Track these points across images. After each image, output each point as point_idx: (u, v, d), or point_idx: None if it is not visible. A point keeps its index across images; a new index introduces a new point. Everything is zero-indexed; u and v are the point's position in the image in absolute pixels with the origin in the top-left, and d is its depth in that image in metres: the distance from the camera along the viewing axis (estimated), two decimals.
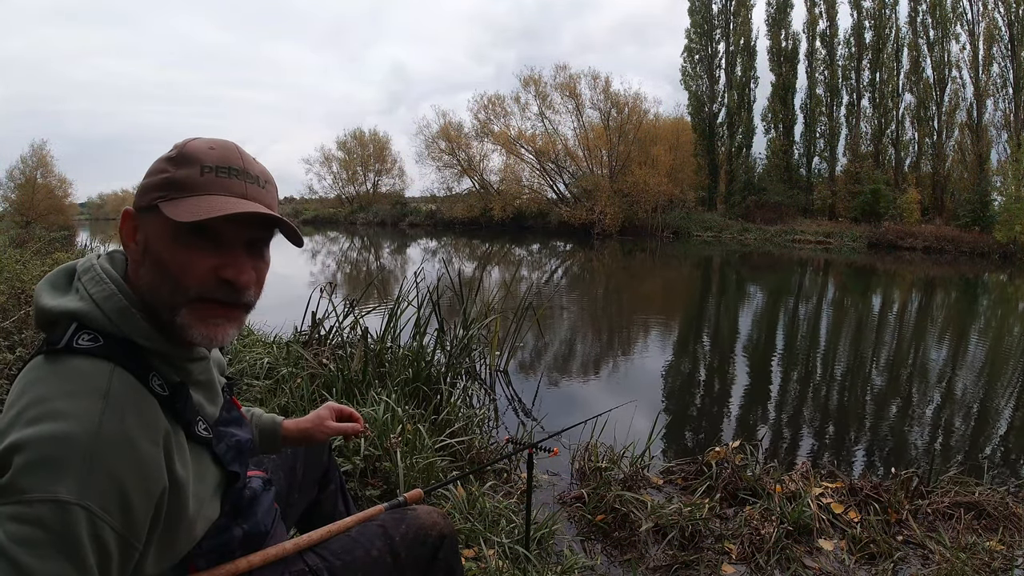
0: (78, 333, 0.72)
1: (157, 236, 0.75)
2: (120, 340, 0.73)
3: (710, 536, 2.28)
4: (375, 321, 4.27)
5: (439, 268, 12.07)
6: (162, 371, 0.76)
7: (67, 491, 0.62)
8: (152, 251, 0.75)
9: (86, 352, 0.70)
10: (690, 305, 10.79)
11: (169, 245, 0.74)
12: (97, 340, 0.72)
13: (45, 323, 0.75)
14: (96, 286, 0.75)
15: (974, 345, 7.66)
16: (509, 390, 4.54)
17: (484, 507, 2.21)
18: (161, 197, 0.75)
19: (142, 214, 0.77)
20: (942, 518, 2.44)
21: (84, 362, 0.70)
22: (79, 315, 0.73)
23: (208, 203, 0.73)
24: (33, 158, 28.22)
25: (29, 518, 0.61)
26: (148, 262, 0.76)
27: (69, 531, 0.62)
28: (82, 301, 0.74)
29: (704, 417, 4.49)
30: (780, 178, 31.06)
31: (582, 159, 32.56)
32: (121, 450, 0.66)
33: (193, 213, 0.72)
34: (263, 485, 1.03)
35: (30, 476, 0.62)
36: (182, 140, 0.79)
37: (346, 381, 3.16)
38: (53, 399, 0.66)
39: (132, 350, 0.73)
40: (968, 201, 25.40)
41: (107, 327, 0.73)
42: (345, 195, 43.36)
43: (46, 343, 0.73)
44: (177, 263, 0.74)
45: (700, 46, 32.01)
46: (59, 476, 0.63)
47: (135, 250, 0.77)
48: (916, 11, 28.53)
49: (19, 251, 5.89)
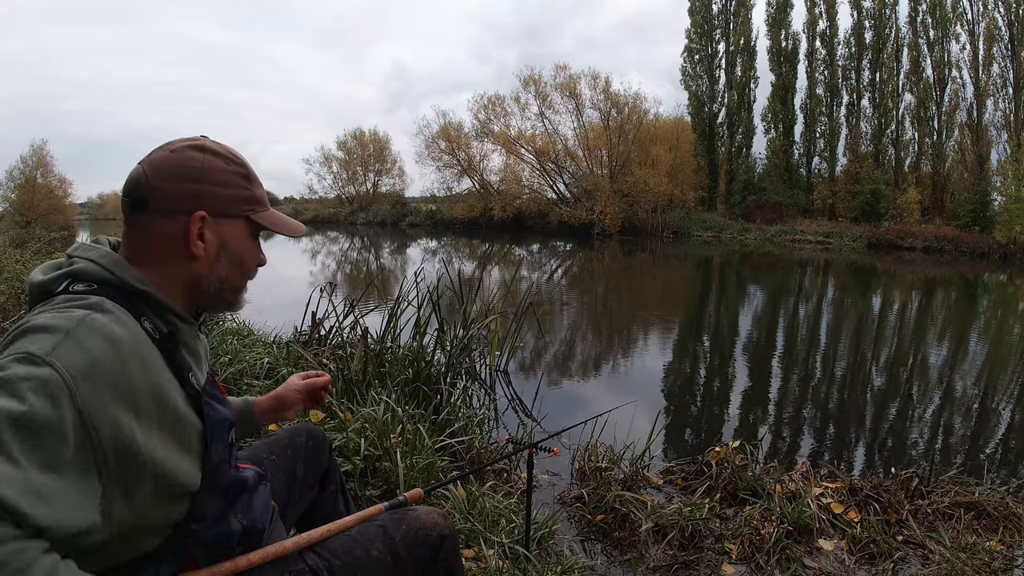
0: (73, 284, 0.79)
1: (239, 237, 0.92)
2: (114, 286, 0.80)
3: (710, 536, 2.28)
4: (375, 321, 4.27)
5: (439, 268, 12.06)
6: (152, 320, 0.82)
7: (39, 348, 0.67)
8: (232, 249, 0.91)
9: (83, 293, 0.78)
10: (690, 305, 10.79)
11: (247, 244, 0.93)
12: (91, 286, 0.79)
13: (40, 294, 0.80)
14: (89, 251, 0.83)
15: (974, 345, 7.66)
16: (509, 390, 4.54)
17: (484, 507, 2.21)
18: (251, 210, 0.92)
19: (220, 219, 0.88)
20: (942, 518, 2.44)
21: (68, 299, 0.76)
22: (74, 272, 0.80)
23: (282, 218, 0.98)
24: (33, 158, 28.26)
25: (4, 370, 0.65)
26: (223, 258, 0.90)
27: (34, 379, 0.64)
28: (76, 264, 0.81)
29: (704, 417, 4.49)
30: (780, 178, 31.06)
31: (582, 159, 32.56)
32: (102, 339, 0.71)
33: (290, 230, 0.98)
34: (257, 479, 1.03)
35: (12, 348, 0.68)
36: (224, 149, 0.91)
37: (346, 381, 3.16)
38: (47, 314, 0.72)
39: (125, 294, 0.80)
40: (968, 201, 25.40)
41: (103, 275, 0.80)
42: (345, 195, 43.35)
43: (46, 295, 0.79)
44: (251, 256, 0.95)
45: (700, 46, 32.00)
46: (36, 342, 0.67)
47: (199, 248, 0.86)
48: (916, 11, 28.52)
49: (19, 251, 5.89)
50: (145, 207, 0.84)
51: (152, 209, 0.84)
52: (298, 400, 1.30)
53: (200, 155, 0.87)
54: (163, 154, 0.87)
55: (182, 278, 0.87)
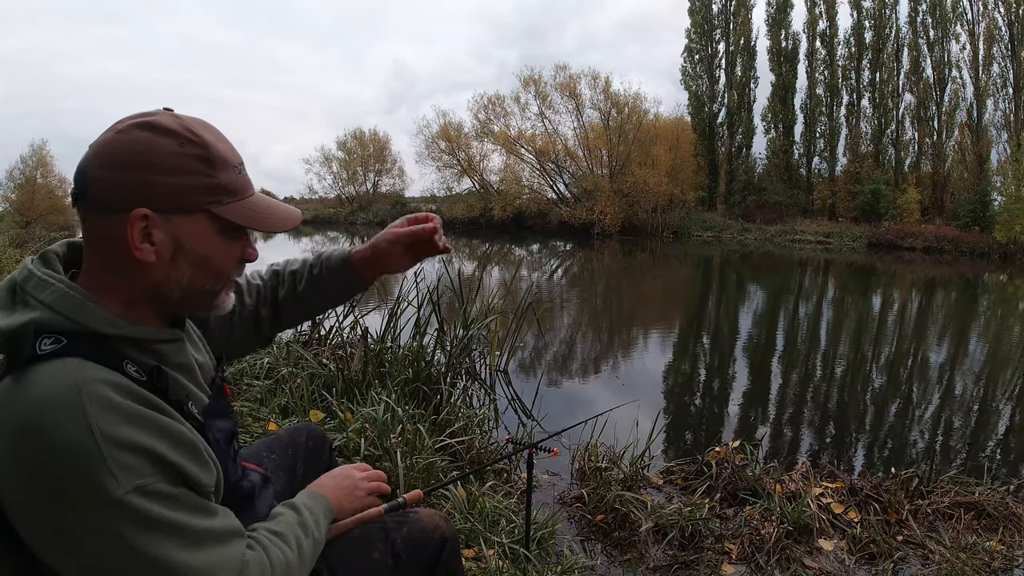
0: (39, 340, 0.69)
1: (200, 236, 0.76)
2: (83, 335, 0.71)
3: (710, 536, 2.28)
4: (375, 321, 4.27)
5: (439, 268, 12.07)
6: (134, 357, 0.74)
7: (110, 492, 0.64)
8: (191, 250, 0.75)
9: (51, 355, 0.68)
10: (690, 305, 10.79)
11: (216, 242, 0.77)
12: (59, 341, 0.69)
13: (5, 344, 0.71)
14: (43, 291, 0.71)
15: (974, 345, 7.67)
16: (509, 390, 4.54)
17: (484, 507, 2.21)
18: (213, 202, 0.75)
19: (171, 216, 0.73)
20: (942, 518, 2.44)
21: (51, 366, 0.67)
22: (36, 323, 0.70)
23: (265, 210, 0.80)
24: (33, 158, 28.21)
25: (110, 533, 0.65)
26: (181, 261, 0.75)
27: (141, 517, 0.65)
28: (34, 310, 0.70)
29: (704, 417, 4.49)
30: (780, 178, 31.09)
31: (582, 159, 32.57)
32: (122, 422, 0.66)
33: (272, 224, 0.80)
34: (262, 482, 1.03)
35: (74, 503, 0.64)
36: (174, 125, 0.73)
37: (346, 381, 3.16)
38: (35, 419, 0.65)
39: (97, 342, 0.71)
40: (968, 201, 25.43)
41: (67, 326, 0.70)
42: (345, 195, 43.34)
43: (10, 362, 0.69)
44: (221, 256, 0.79)
45: (700, 46, 32.02)
46: (94, 486, 0.64)
47: (148, 252, 0.73)
48: (916, 11, 28.56)
49: (19, 251, 5.88)
50: (85, 200, 0.72)
51: (91, 205, 0.72)
52: (396, 251, 1.08)
53: (146, 135, 0.71)
54: (108, 135, 0.72)
55: (141, 288, 0.75)
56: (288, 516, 0.90)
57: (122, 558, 0.66)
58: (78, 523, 0.65)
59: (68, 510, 0.65)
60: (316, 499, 0.97)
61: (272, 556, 0.79)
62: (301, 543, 0.86)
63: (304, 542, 0.86)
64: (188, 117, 0.77)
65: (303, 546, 0.86)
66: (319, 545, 0.91)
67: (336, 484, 1.03)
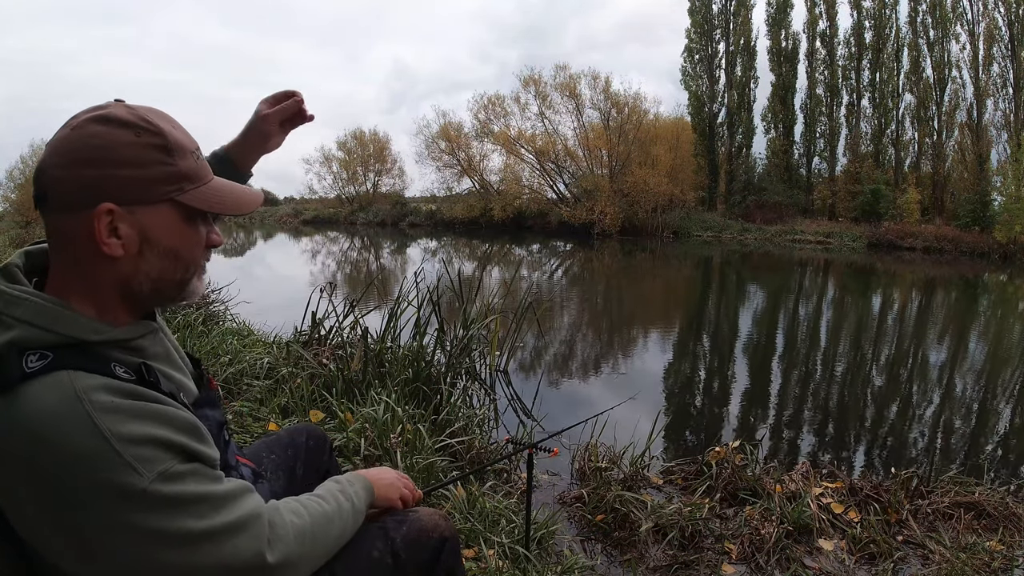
0: (24, 357, 0.68)
1: (165, 226, 0.76)
2: (67, 347, 0.71)
3: (710, 536, 2.28)
4: (375, 321, 4.27)
5: (439, 268, 12.07)
6: (119, 358, 0.74)
7: (136, 485, 0.66)
8: (157, 241, 0.76)
9: (39, 372, 0.68)
10: (690, 305, 10.79)
11: (181, 230, 0.78)
12: (45, 356, 0.68)
13: None
14: (17, 307, 0.70)
15: (974, 345, 7.67)
16: (509, 390, 4.54)
17: (484, 507, 2.21)
18: (175, 191, 0.75)
19: (134, 207, 0.73)
20: (942, 518, 2.44)
21: (44, 382, 0.67)
22: (18, 342, 0.69)
23: (228, 194, 0.82)
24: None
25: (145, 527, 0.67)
26: (149, 254, 0.75)
27: (171, 500, 0.68)
28: (12, 329, 0.70)
29: (704, 417, 4.49)
30: (780, 178, 31.07)
31: (582, 159, 32.56)
32: (128, 419, 0.68)
33: (237, 207, 0.82)
34: (253, 476, 1.04)
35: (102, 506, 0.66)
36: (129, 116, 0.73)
37: (346, 381, 3.16)
38: (43, 434, 0.65)
39: (82, 351, 0.71)
40: (968, 201, 25.41)
41: (50, 339, 0.70)
42: (345, 195, 43.32)
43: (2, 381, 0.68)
44: (189, 245, 0.80)
45: (700, 46, 32.00)
46: (121, 484, 0.65)
47: (115, 247, 0.73)
48: (916, 11, 28.53)
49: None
50: (46, 203, 0.72)
51: (54, 206, 0.72)
52: (271, 130, 1.15)
53: (103, 129, 0.71)
54: (63, 133, 0.72)
55: (110, 285, 0.75)
56: (327, 483, 0.98)
57: (155, 546, 0.68)
58: (102, 527, 0.66)
59: (90, 516, 0.66)
60: (357, 477, 1.03)
61: (308, 507, 0.87)
62: (340, 502, 0.92)
63: (343, 503, 0.93)
64: (141, 106, 0.76)
65: (341, 505, 0.93)
66: (358, 513, 0.97)
67: (377, 474, 1.09)
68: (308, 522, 0.85)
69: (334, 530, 0.90)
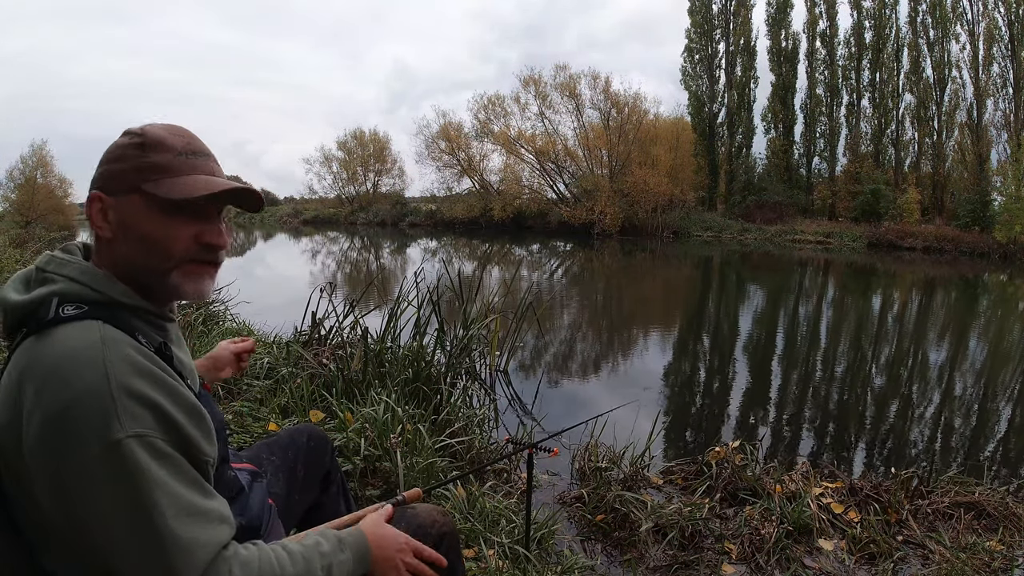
0: (61, 306, 0.76)
1: (140, 214, 0.82)
2: (103, 305, 0.78)
3: (710, 536, 2.28)
4: (375, 321, 4.27)
5: (439, 268, 12.07)
6: (144, 332, 0.81)
7: (112, 433, 0.68)
8: (135, 228, 0.82)
9: (73, 318, 0.75)
10: (690, 305, 10.79)
11: (156, 220, 0.82)
12: (81, 307, 0.76)
13: (21, 317, 0.78)
14: (66, 267, 0.80)
15: (974, 345, 7.66)
16: (509, 390, 4.54)
17: (484, 507, 2.21)
18: (143, 180, 0.82)
19: (116, 197, 0.82)
20: (942, 518, 2.44)
21: (75, 326, 0.74)
22: (59, 293, 0.77)
23: (195, 182, 0.83)
24: (33, 158, 28.18)
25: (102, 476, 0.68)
26: (130, 238, 0.82)
27: (133, 464, 0.68)
28: (57, 283, 0.78)
29: (704, 417, 4.49)
30: (780, 178, 31.04)
31: (582, 159, 32.54)
32: (136, 375, 0.72)
33: (186, 191, 0.82)
34: (252, 477, 1.05)
35: (77, 442, 0.68)
36: (136, 127, 0.85)
37: (346, 381, 3.16)
38: (60, 365, 0.70)
39: (114, 312, 0.78)
40: (968, 201, 25.38)
41: (90, 295, 0.78)
42: (345, 195, 43.33)
43: (34, 323, 0.76)
44: (164, 235, 0.83)
45: (700, 46, 31.98)
46: (100, 426, 0.68)
47: (107, 229, 0.82)
48: (916, 11, 28.49)
49: (19, 251, 5.88)
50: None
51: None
52: (231, 362, 1.32)
53: (118, 139, 0.86)
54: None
55: (111, 265, 0.83)
56: (313, 538, 0.88)
57: (108, 504, 0.69)
58: (75, 465, 0.68)
59: (70, 450, 0.68)
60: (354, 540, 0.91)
61: (263, 561, 0.78)
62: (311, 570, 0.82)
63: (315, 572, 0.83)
64: (166, 124, 0.87)
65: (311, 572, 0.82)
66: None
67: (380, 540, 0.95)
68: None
69: None
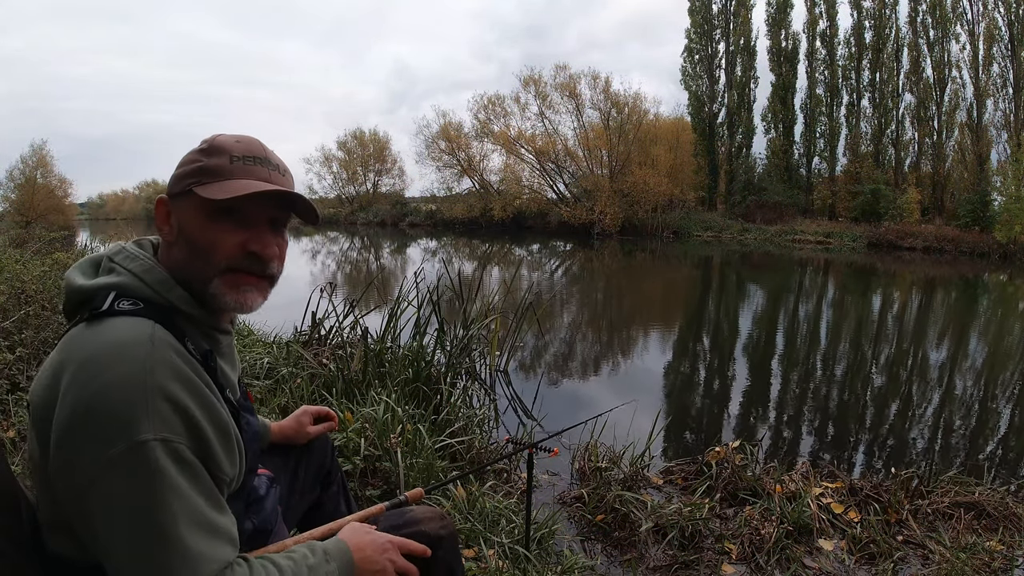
0: (118, 299, 0.78)
1: (190, 218, 0.83)
2: (158, 306, 0.80)
3: (710, 536, 2.28)
4: (375, 321, 4.27)
5: (439, 268, 12.07)
6: (194, 339, 0.82)
7: (139, 433, 0.69)
8: (186, 231, 0.84)
9: (128, 313, 0.77)
10: (690, 305, 10.79)
11: (202, 224, 0.83)
12: (137, 304, 0.78)
13: (81, 301, 0.80)
14: (133, 262, 0.83)
15: (974, 345, 7.66)
16: (509, 390, 4.54)
17: (484, 507, 2.21)
18: (195, 182, 0.83)
19: (175, 200, 0.85)
20: (942, 518, 2.44)
21: (128, 320, 0.76)
22: (119, 286, 0.80)
23: (237, 185, 0.83)
24: (33, 158, 28.23)
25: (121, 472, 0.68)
26: (182, 241, 0.84)
27: (155, 466, 0.69)
28: (120, 276, 0.81)
29: (704, 417, 4.49)
30: (780, 178, 31.03)
31: (582, 159, 32.54)
32: (175, 380, 0.73)
33: (226, 192, 0.81)
34: (268, 483, 1.06)
35: (102, 434, 0.69)
36: (211, 135, 0.88)
37: (346, 381, 3.16)
38: (102, 353, 0.72)
39: (166, 316, 0.80)
40: (968, 201, 25.37)
41: (148, 295, 0.80)
42: (345, 195, 43.36)
43: (88, 311, 0.78)
44: (208, 240, 0.83)
45: (700, 46, 31.99)
46: (127, 422, 0.69)
47: (168, 232, 0.85)
48: (916, 11, 28.49)
49: (19, 251, 5.87)
50: None
51: None
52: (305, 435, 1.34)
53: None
54: None
55: (167, 267, 0.84)
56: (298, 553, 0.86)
57: (121, 501, 0.69)
58: (95, 456, 0.69)
59: (93, 440, 0.69)
60: (338, 552, 0.89)
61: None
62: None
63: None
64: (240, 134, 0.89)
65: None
66: None
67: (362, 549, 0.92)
68: None
69: None
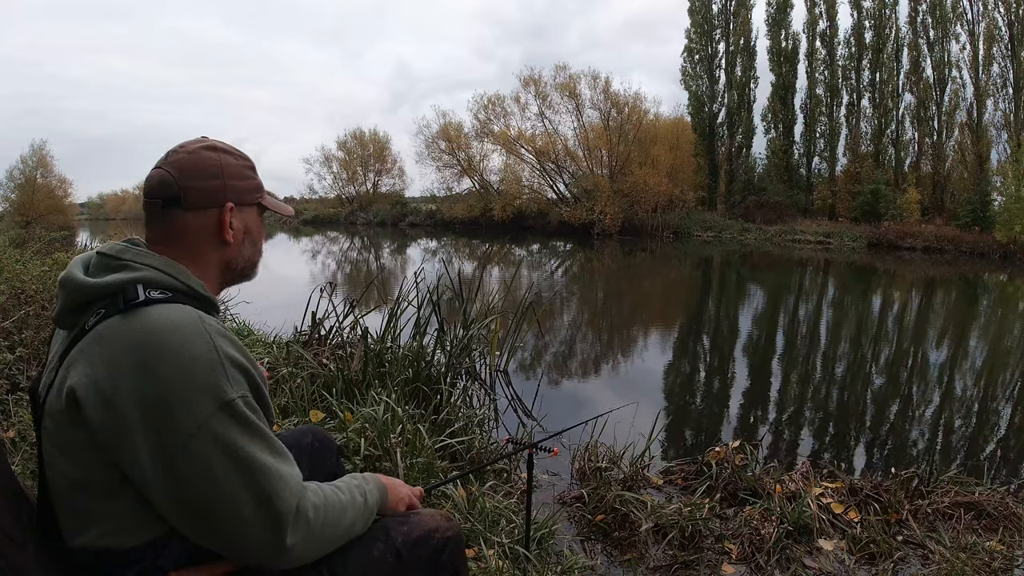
0: (147, 291, 0.86)
1: (254, 221, 1.05)
2: (184, 293, 0.91)
3: (710, 536, 2.28)
4: (375, 321, 4.26)
5: (439, 268, 12.07)
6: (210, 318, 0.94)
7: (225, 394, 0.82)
8: (252, 232, 1.05)
9: (164, 301, 0.86)
10: (690, 305, 10.79)
11: (260, 225, 1.08)
12: (166, 293, 0.88)
13: (93, 298, 0.87)
14: (148, 258, 0.92)
15: (974, 345, 7.66)
16: (509, 390, 4.54)
17: (484, 507, 2.21)
18: (260, 197, 1.06)
19: (242, 208, 1.02)
20: (942, 518, 2.44)
21: (166, 306, 0.86)
22: (144, 280, 0.88)
23: (279, 201, 1.13)
24: (33, 158, 28.22)
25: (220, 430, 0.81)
26: (247, 240, 1.04)
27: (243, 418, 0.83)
28: (141, 270, 0.89)
29: (704, 417, 4.49)
30: (780, 178, 31.04)
31: (582, 159, 32.54)
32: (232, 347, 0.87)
33: (281, 210, 1.12)
34: None
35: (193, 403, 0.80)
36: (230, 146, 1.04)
37: (346, 381, 3.16)
38: (167, 336, 0.81)
39: (191, 301, 0.90)
40: (968, 201, 25.39)
41: (174, 284, 0.90)
42: (345, 195, 43.35)
43: (117, 303, 0.85)
44: (262, 235, 1.09)
45: (700, 46, 31.99)
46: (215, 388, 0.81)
47: (231, 234, 1.00)
48: (916, 11, 28.51)
49: (19, 251, 5.87)
50: (179, 204, 0.95)
51: (185, 206, 0.95)
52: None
53: (215, 154, 0.99)
54: (181, 156, 0.97)
55: (215, 263, 1.01)
56: (346, 478, 1.06)
57: (223, 453, 0.80)
58: (193, 428, 0.79)
59: (188, 415, 0.79)
60: (374, 478, 1.11)
61: (327, 492, 0.95)
62: (354, 496, 1.00)
63: (357, 498, 1.01)
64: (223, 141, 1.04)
65: (355, 499, 1.00)
66: (370, 512, 1.04)
67: (392, 481, 1.16)
68: (325, 508, 0.92)
69: (346, 521, 0.96)
